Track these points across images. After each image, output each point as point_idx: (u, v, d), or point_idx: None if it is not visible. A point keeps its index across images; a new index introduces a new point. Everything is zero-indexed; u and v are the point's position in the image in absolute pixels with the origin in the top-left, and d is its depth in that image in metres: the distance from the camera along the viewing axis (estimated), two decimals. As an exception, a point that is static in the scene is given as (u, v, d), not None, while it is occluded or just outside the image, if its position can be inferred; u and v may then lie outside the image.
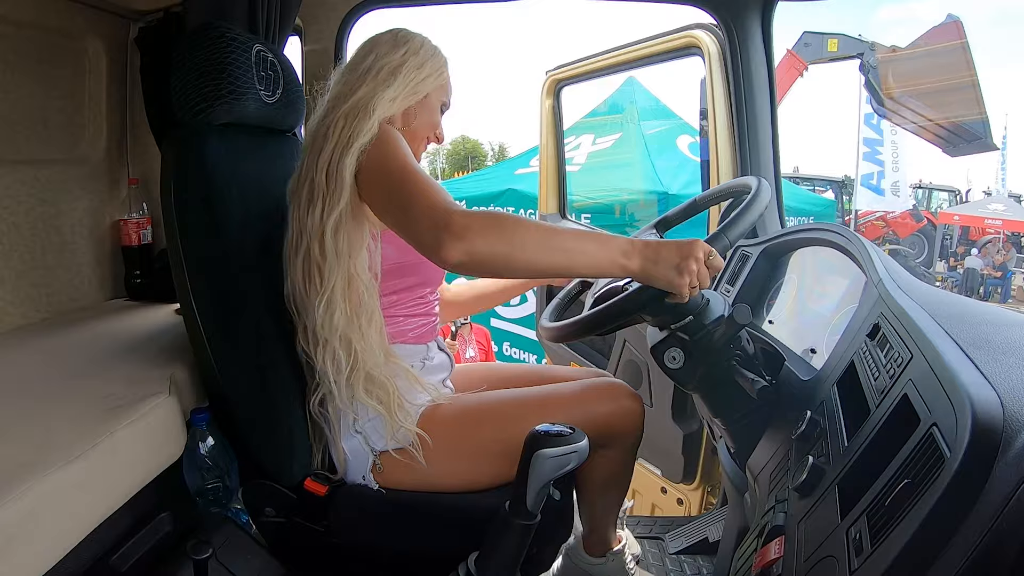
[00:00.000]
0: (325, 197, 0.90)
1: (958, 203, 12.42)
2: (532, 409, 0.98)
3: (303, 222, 0.93)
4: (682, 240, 0.84)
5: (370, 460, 0.99)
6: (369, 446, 0.98)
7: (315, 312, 0.93)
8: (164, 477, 0.95)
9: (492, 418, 0.99)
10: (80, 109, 1.37)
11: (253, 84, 1.06)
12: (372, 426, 0.98)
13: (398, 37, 1.01)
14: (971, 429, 0.46)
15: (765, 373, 0.91)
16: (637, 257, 0.82)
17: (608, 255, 0.82)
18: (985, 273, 10.42)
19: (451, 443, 0.98)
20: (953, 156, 7.71)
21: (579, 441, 0.84)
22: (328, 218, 0.90)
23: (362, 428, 0.98)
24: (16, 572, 0.69)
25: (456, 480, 1.00)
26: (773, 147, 1.47)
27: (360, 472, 1.00)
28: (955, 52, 6.86)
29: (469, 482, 1.00)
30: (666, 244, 0.83)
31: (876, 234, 10.92)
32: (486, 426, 0.98)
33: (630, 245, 0.83)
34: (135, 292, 1.49)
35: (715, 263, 0.83)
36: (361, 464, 0.99)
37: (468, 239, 0.78)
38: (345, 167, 0.90)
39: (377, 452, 0.98)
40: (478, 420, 0.99)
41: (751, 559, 0.71)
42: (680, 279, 0.81)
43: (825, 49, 7.79)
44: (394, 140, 0.91)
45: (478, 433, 0.98)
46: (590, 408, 1.00)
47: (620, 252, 0.82)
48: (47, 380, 1.00)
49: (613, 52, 1.81)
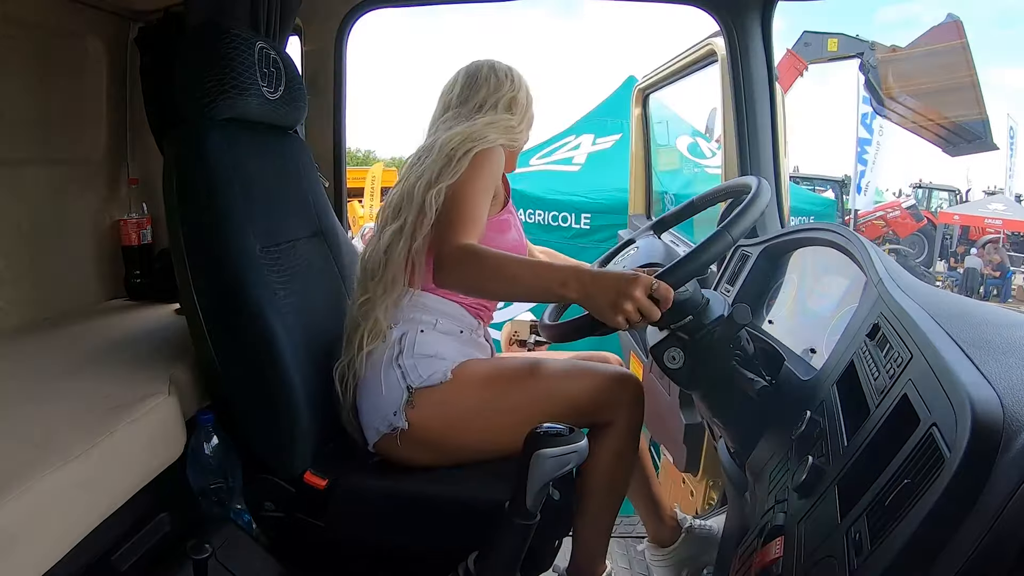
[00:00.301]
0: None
1: (958, 203, 12.42)
2: (555, 376, 1.08)
3: (412, 186, 1.07)
4: (625, 275, 0.87)
5: (405, 395, 1.03)
6: (406, 382, 1.04)
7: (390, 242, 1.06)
8: (164, 477, 0.95)
9: (521, 379, 1.07)
10: (80, 109, 1.37)
11: (256, 80, 1.06)
12: (411, 364, 1.04)
13: (504, 72, 1.16)
14: (971, 429, 0.46)
15: (765, 373, 0.91)
16: (575, 287, 0.89)
17: (544, 285, 0.92)
18: (985, 273, 10.42)
19: (481, 398, 1.05)
20: (953, 156, 7.69)
21: (578, 441, 0.84)
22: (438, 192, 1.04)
23: (403, 364, 1.04)
24: (16, 572, 0.69)
25: (479, 435, 1.04)
26: (773, 147, 1.47)
27: (393, 407, 1.03)
28: (955, 52, 6.85)
29: (491, 440, 1.04)
30: (606, 279, 0.88)
31: (876, 234, 10.91)
32: (514, 384, 1.06)
33: (573, 275, 0.90)
34: (135, 292, 1.49)
35: (662, 295, 0.85)
36: (396, 398, 1.03)
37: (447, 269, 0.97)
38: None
39: (413, 388, 1.03)
40: (509, 377, 1.07)
41: (751, 559, 0.71)
42: (612, 315, 0.86)
43: (825, 49, 7.78)
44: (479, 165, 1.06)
45: (506, 391, 1.05)
46: (599, 379, 1.07)
47: (557, 283, 0.90)
48: (47, 380, 1.00)
49: (680, 56, 1.85)
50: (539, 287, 0.94)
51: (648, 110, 2.34)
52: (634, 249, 1.25)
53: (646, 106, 2.33)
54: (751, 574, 0.69)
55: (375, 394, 1.05)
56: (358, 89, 3.06)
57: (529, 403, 1.04)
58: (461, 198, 1.02)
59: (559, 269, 0.94)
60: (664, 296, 0.85)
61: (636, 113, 2.37)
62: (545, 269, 0.97)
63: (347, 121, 1.65)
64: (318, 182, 1.32)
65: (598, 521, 1.13)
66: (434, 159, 1.06)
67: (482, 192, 1.04)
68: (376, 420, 1.05)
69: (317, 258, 1.22)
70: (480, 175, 1.04)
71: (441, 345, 1.08)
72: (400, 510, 1.03)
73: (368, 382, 1.06)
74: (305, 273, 1.15)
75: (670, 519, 1.31)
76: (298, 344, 1.04)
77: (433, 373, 1.04)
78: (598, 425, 1.07)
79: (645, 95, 2.30)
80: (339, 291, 1.26)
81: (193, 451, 1.04)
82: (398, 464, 1.07)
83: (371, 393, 1.06)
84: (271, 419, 1.02)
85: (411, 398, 1.03)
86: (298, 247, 1.16)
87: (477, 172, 1.04)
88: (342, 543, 1.05)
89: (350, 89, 1.64)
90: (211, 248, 1.00)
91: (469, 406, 1.04)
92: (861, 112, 8.78)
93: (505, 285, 0.96)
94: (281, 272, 1.08)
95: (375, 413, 1.05)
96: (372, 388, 1.06)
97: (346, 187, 1.70)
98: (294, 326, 1.04)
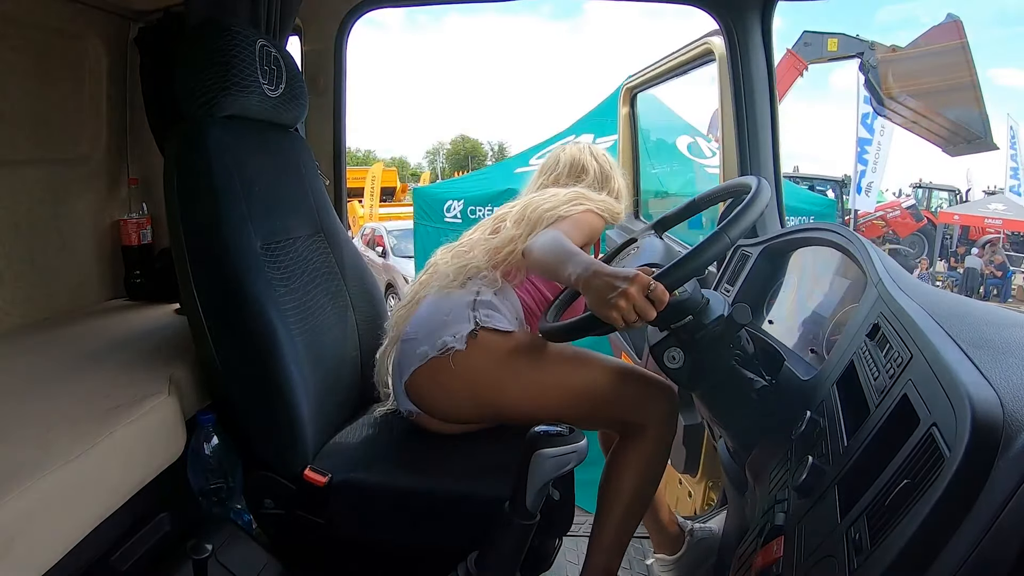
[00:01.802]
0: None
1: (958, 203, 12.41)
2: (600, 370, 1.11)
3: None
4: (625, 273, 0.87)
5: (471, 326, 1.08)
6: (475, 316, 1.09)
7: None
8: (164, 477, 0.95)
9: (568, 360, 1.11)
10: (80, 109, 1.37)
11: (256, 77, 1.06)
12: (485, 312, 1.10)
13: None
14: (971, 429, 0.46)
15: (765, 373, 0.91)
16: (580, 273, 0.91)
17: (562, 260, 0.97)
18: (986, 273, 10.42)
19: (532, 363, 1.09)
20: (953, 156, 7.70)
21: (578, 441, 0.84)
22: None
23: (477, 305, 1.11)
24: (16, 572, 0.69)
25: (517, 395, 1.08)
26: (773, 147, 1.47)
27: (454, 330, 1.08)
28: (955, 52, 6.85)
29: (526, 405, 1.07)
30: (606, 273, 0.88)
31: (876, 234, 10.92)
32: (560, 362, 1.10)
33: (583, 263, 0.93)
34: (135, 292, 1.49)
35: (657, 296, 0.85)
36: (462, 323, 1.08)
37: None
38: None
39: (480, 324, 1.08)
40: (559, 354, 1.11)
41: (751, 559, 0.72)
42: (606, 310, 0.86)
43: (825, 49, 7.79)
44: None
45: (553, 365, 1.10)
46: (639, 381, 1.11)
47: (570, 263, 0.94)
48: (47, 380, 1.00)
49: (674, 54, 1.83)
50: (559, 262, 0.98)
51: (636, 109, 2.34)
52: (635, 249, 1.25)
53: (634, 105, 2.33)
54: (751, 574, 0.69)
55: (439, 316, 1.11)
56: (358, 89, 3.06)
57: (573, 385, 1.08)
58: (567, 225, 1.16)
59: (576, 254, 0.97)
60: (660, 298, 0.86)
61: (624, 112, 2.37)
62: (567, 252, 1.00)
63: (347, 121, 1.65)
64: (319, 180, 1.32)
65: (619, 524, 1.12)
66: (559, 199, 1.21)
67: (577, 231, 1.16)
68: (431, 340, 1.08)
69: (318, 256, 1.22)
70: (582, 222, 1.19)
71: (510, 308, 1.15)
72: (400, 508, 1.03)
73: (436, 306, 1.12)
74: (306, 271, 1.15)
75: (673, 526, 1.31)
76: (298, 342, 1.04)
77: (501, 322, 1.10)
78: (631, 428, 1.09)
79: (633, 95, 2.30)
80: (339, 289, 1.26)
81: (193, 451, 1.04)
82: (425, 406, 1.11)
83: (434, 316, 1.11)
84: (271, 416, 1.02)
85: (475, 331, 1.08)
86: (299, 245, 1.17)
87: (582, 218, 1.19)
88: (342, 541, 1.05)
89: (350, 89, 1.64)
90: (212, 246, 1.00)
91: (520, 364, 1.08)
92: (861, 112, 8.78)
93: (550, 255, 1.01)
94: (282, 270, 1.08)
95: (431, 335, 1.09)
96: (438, 311, 1.11)
97: (346, 187, 1.71)
98: (295, 324, 1.05)
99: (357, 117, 14.87)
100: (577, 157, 1.33)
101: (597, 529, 1.12)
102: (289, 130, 1.27)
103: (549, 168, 1.35)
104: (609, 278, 0.87)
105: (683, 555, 1.30)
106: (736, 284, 1.23)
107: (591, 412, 1.09)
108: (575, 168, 1.33)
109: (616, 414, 1.09)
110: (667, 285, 0.86)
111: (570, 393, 1.08)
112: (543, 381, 1.08)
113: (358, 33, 1.62)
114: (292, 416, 1.02)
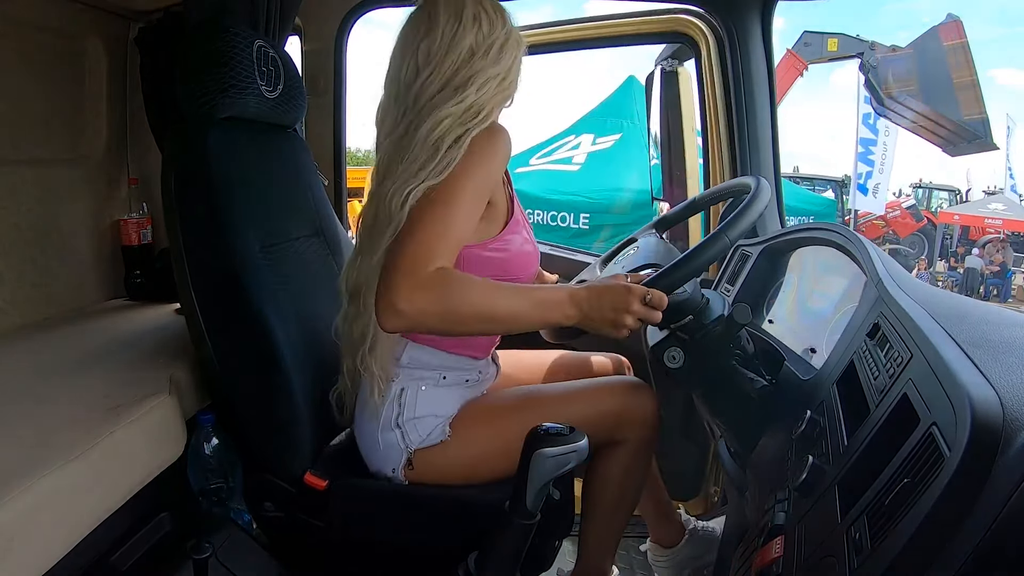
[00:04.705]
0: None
1: (958, 203, 12.40)
2: (556, 403, 1.04)
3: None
4: (617, 290, 0.86)
5: (404, 456, 1.00)
6: (405, 443, 1.00)
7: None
8: (164, 477, 0.95)
9: (520, 413, 1.02)
10: (80, 109, 1.37)
11: (254, 79, 1.06)
12: (412, 425, 1.00)
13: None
14: (970, 428, 0.46)
15: (765, 373, 0.91)
16: (573, 313, 0.86)
17: (542, 316, 0.86)
18: (986, 272, 10.41)
19: (481, 444, 1.01)
20: (953, 156, 7.69)
21: (578, 440, 0.83)
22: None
23: (402, 424, 1.00)
24: (16, 572, 0.69)
25: (483, 474, 1.01)
26: (773, 147, 1.47)
27: (391, 464, 1.00)
28: (955, 52, 6.85)
29: (492, 477, 1.01)
30: (600, 298, 0.86)
31: (876, 234, 10.89)
32: (514, 421, 0.99)
33: (569, 300, 0.85)
34: (135, 292, 1.49)
35: (656, 301, 0.86)
36: (395, 457, 1.00)
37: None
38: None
39: (412, 449, 1.00)
40: (507, 414, 1.03)
41: (751, 559, 0.71)
42: (614, 331, 0.86)
43: (825, 49, 7.78)
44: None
45: (507, 429, 0.99)
46: (605, 401, 1.04)
47: (556, 311, 0.85)
48: (47, 380, 1.00)
49: (589, 22, 1.65)
50: (536, 318, 0.86)
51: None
52: (634, 248, 1.25)
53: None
54: (751, 574, 0.69)
55: (372, 448, 1.02)
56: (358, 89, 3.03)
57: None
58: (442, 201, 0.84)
59: (555, 293, 0.86)
60: (658, 304, 0.86)
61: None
62: (543, 298, 0.87)
63: (347, 121, 1.65)
64: (318, 181, 1.31)
65: (605, 530, 1.12)
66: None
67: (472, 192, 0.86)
68: (375, 464, 1.03)
69: (317, 257, 1.22)
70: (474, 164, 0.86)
71: (444, 400, 1.02)
72: (400, 510, 1.03)
73: (366, 434, 1.02)
74: (305, 272, 1.15)
75: (675, 521, 1.30)
76: (298, 343, 1.04)
77: (432, 432, 1.00)
78: (615, 438, 1.05)
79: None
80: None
81: (193, 451, 1.04)
82: None
83: (368, 443, 1.02)
84: (271, 419, 1.02)
85: (411, 458, 1.00)
86: (298, 246, 1.16)
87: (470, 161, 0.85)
88: (342, 543, 1.05)
89: (350, 89, 1.64)
90: (210, 247, 0.99)
91: (471, 454, 1.01)
92: (862, 112, 8.78)
93: (492, 324, 0.87)
94: (280, 271, 1.07)
95: (373, 461, 1.02)
96: (369, 441, 1.02)
97: (346, 187, 1.70)
98: (294, 325, 1.04)
99: (357, 117, 14.73)
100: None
101: (586, 530, 1.11)
102: (288, 131, 1.27)
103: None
104: (606, 301, 0.85)
105: (679, 549, 1.29)
106: (736, 284, 1.23)
107: None
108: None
109: (598, 437, 1.00)
110: (666, 286, 0.86)
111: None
112: (502, 463, 0.96)
113: (358, 33, 1.62)
114: (291, 419, 1.02)
